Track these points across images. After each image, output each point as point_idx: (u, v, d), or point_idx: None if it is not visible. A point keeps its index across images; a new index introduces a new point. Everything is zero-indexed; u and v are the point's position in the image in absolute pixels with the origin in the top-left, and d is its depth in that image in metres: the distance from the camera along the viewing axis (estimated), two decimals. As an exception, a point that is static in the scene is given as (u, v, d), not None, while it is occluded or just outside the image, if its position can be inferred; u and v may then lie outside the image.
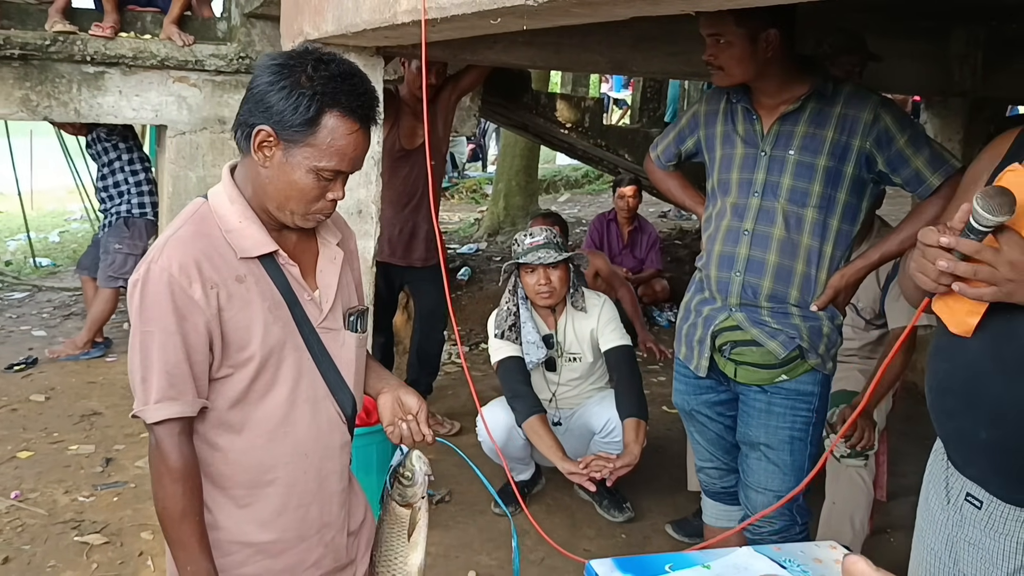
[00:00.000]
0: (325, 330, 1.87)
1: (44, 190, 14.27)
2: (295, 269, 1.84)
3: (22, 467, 4.46)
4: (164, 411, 1.71)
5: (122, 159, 6.23)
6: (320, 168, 1.71)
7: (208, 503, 1.83)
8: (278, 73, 1.71)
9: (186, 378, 1.71)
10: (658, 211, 11.80)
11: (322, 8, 3.47)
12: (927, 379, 1.92)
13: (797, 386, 2.74)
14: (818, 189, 2.64)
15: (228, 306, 1.73)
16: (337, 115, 1.69)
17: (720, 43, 2.57)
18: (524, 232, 4.01)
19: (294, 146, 1.70)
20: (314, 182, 1.72)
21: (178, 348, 1.69)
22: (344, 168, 1.74)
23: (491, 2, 2.19)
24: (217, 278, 1.72)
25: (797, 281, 2.67)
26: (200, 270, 1.70)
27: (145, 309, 1.70)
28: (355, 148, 1.73)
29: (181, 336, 1.69)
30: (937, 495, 1.93)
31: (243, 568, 1.87)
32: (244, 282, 1.75)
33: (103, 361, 6.23)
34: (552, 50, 4.31)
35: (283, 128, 1.69)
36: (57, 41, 5.30)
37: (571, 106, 7.93)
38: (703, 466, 3.08)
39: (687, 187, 3.19)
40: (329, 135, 1.69)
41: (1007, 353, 1.67)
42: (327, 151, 1.70)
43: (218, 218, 1.78)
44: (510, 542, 3.83)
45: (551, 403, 4.10)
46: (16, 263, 9.94)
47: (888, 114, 2.60)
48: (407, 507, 1.93)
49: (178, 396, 1.71)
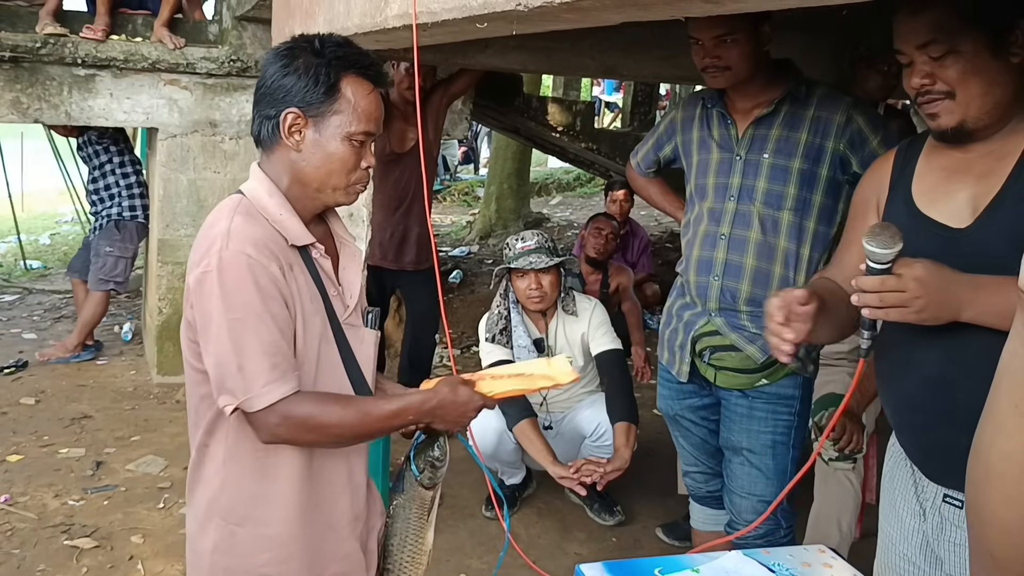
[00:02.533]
0: (348, 326, 1.88)
1: (34, 192, 14.23)
2: (327, 263, 1.85)
3: (12, 471, 4.45)
4: (273, 393, 1.68)
5: (113, 162, 6.22)
6: (352, 133, 1.76)
7: (247, 498, 1.83)
8: (286, 58, 1.78)
9: (286, 355, 1.70)
10: (649, 215, 11.82)
11: (313, 11, 3.48)
12: (885, 401, 1.94)
13: (778, 390, 2.75)
14: (793, 192, 2.65)
15: (293, 290, 1.74)
16: (353, 78, 1.76)
17: (727, 42, 2.57)
18: (516, 236, 4.02)
19: (322, 119, 1.75)
20: (350, 150, 1.77)
21: (271, 328, 1.68)
22: (372, 129, 1.78)
23: (481, 7, 2.19)
24: (283, 261, 1.73)
25: (775, 284, 2.68)
26: (270, 251, 1.70)
27: (228, 296, 1.66)
28: (376, 108, 1.78)
29: (271, 315, 1.68)
30: (907, 504, 1.94)
31: (279, 565, 1.86)
32: (293, 270, 1.75)
33: (94, 364, 6.21)
34: (544, 54, 4.32)
35: (307, 105, 1.74)
36: (48, 43, 5.31)
37: (563, 109, 7.94)
38: (689, 470, 3.09)
39: (668, 193, 3.21)
40: (352, 98, 1.75)
41: (967, 357, 1.71)
42: (354, 115, 1.75)
43: (262, 209, 1.78)
44: (501, 545, 3.85)
45: (542, 407, 4.10)
46: (6, 265, 9.91)
47: (861, 116, 2.62)
48: (431, 488, 1.99)
49: (281, 376, 1.69)
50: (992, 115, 1.73)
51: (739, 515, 2.80)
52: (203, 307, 1.69)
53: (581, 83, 12.00)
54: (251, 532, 1.84)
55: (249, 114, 5.71)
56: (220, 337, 1.68)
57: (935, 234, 1.79)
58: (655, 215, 11.87)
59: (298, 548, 1.86)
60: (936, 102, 1.75)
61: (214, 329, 1.68)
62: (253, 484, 1.83)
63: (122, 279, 6.23)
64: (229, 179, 5.82)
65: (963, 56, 1.70)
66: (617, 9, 1.94)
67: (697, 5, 1.82)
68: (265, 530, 1.84)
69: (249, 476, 1.83)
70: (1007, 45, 1.68)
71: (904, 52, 1.79)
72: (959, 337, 1.70)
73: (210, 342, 1.70)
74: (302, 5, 3.67)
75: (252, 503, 1.84)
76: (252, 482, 1.83)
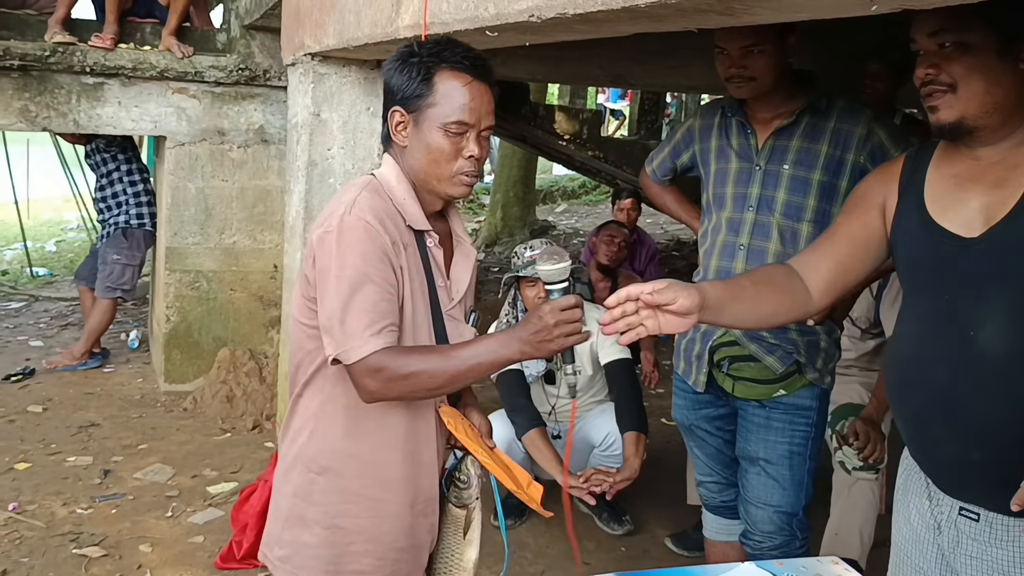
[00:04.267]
0: (450, 318, 1.97)
1: (40, 199, 14.26)
2: (440, 253, 1.97)
3: (20, 479, 4.45)
4: (366, 347, 1.77)
5: (121, 170, 6.23)
6: (446, 124, 1.84)
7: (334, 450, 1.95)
8: (396, 59, 1.90)
9: (385, 315, 1.80)
10: (655, 223, 11.82)
11: (324, 22, 3.48)
12: (898, 413, 1.94)
13: (795, 401, 2.74)
14: (813, 203, 2.65)
15: (404, 266, 1.86)
16: (447, 71, 1.85)
17: (754, 53, 2.57)
18: (524, 245, 4.01)
19: (420, 114, 1.86)
20: (446, 140, 1.85)
21: (376, 289, 1.80)
22: (468, 119, 1.85)
23: (493, 17, 2.19)
24: (398, 237, 1.86)
25: None
26: (384, 225, 1.83)
27: (343, 255, 1.80)
28: (473, 98, 1.85)
29: (379, 278, 1.80)
30: (922, 517, 1.93)
31: (354, 519, 1.96)
32: (407, 250, 1.88)
33: (101, 372, 6.21)
34: (552, 63, 4.34)
35: (407, 102, 1.87)
36: (57, 52, 5.32)
37: (569, 118, 7.95)
38: (703, 480, 3.08)
39: (683, 201, 3.20)
40: (445, 91, 1.84)
41: (982, 371, 1.71)
42: (447, 106, 1.84)
43: (390, 191, 1.92)
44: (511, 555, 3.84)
45: (551, 416, 4.09)
46: (12, 273, 9.93)
47: (882, 129, 2.62)
48: (463, 508, 2.04)
49: (377, 333, 1.78)
50: (992, 117, 1.73)
51: (754, 525, 2.79)
52: (321, 263, 1.83)
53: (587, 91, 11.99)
54: (330, 482, 1.96)
55: (257, 123, 5.78)
56: (331, 292, 1.81)
57: (945, 243, 1.78)
58: (661, 223, 11.87)
59: (373, 508, 1.97)
60: (938, 95, 1.76)
61: (328, 284, 1.82)
62: (340, 439, 1.95)
63: (129, 287, 6.24)
64: (237, 187, 5.83)
65: (970, 51, 1.70)
66: (630, 21, 1.94)
67: (711, 17, 1.82)
68: (343, 482, 1.95)
69: (339, 431, 1.95)
70: (1017, 51, 1.68)
71: (916, 40, 1.80)
72: (971, 353, 1.71)
73: (324, 296, 1.83)
74: (312, 15, 3.67)
75: (335, 457, 1.96)
76: (340, 437, 1.95)
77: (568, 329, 1.76)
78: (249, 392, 5.46)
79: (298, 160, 4.14)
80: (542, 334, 1.76)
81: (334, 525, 1.97)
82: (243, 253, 5.91)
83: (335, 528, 1.97)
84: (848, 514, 3.57)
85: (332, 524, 1.97)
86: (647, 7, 1.71)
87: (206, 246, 5.85)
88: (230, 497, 4.24)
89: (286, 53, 4.30)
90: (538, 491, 2.08)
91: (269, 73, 5.76)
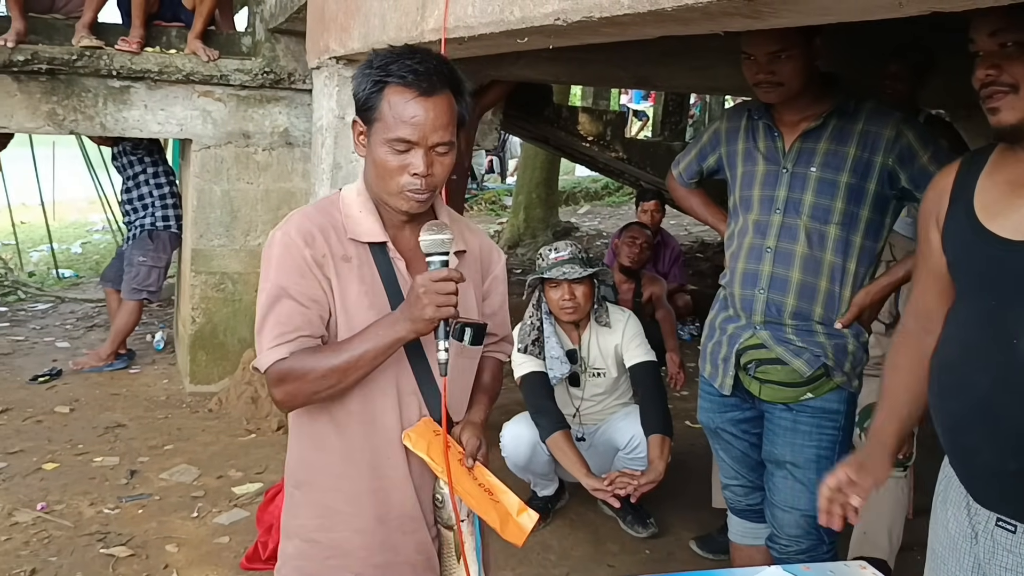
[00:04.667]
0: None
1: (66, 201, 14.39)
2: (401, 263, 1.94)
3: (48, 479, 4.49)
4: (268, 357, 1.84)
5: (147, 172, 6.28)
6: (390, 139, 1.81)
7: (306, 462, 2.00)
8: (359, 69, 1.89)
9: (298, 327, 1.84)
10: (679, 224, 11.79)
11: (348, 26, 3.49)
12: (938, 420, 1.93)
13: (823, 404, 2.72)
14: (840, 206, 2.63)
15: (336, 279, 1.87)
16: (394, 86, 1.80)
17: (782, 58, 2.55)
18: (549, 247, 4.01)
19: (371, 126, 1.85)
20: (390, 155, 1.82)
21: (290, 302, 1.84)
22: (411, 137, 1.80)
23: (519, 21, 2.20)
24: (327, 250, 1.87)
25: (821, 298, 2.66)
26: (313, 239, 1.86)
27: (266, 269, 1.88)
28: (415, 115, 1.80)
29: (296, 291, 1.84)
30: (959, 526, 1.91)
31: (327, 533, 1.99)
32: (349, 262, 1.89)
33: (127, 373, 6.26)
34: (576, 65, 4.33)
35: (363, 113, 1.87)
36: (84, 56, 5.37)
37: (593, 119, 7.94)
38: (728, 484, 3.07)
39: (709, 204, 3.19)
40: (391, 106, 1.80)
41: (1019, 383, 1.69)
42: (392, 122, 1.80)
43: (344, 204, 1.95)
44: (534, 557, 3.85)
45: (575, 418, 4.09)
46: (39, 274, 10.02)
47: (911, 131, 2.60)
48: (449, 529, 1.99)
49: (283, 344, 1.83)
50: None
51: (781, 529, 2.78)
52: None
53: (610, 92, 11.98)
54: (304, 496, 2.01)
55: (282, 126, 5.81)
56: (258, 305, 1.89)
57: (993, 247, 1.76)
58: (685, 225, 11.85)
59: (344, 522, 1.97)
60: (999, 95, 1.72)
61: (258, 297, 1.90)
62: (311, 452, 1.99)
63: (155, 288, 6.29)
64: (262, 190, 5.86)
65: None
66: (657, 24, 1.94)
67: (738, 20, 1.82)
68: (319, 496, 1.99)
69: (309, 443, 1.99)
70: None
71: (976, 41, 1.77)
72: (1014, 360, 1.69)
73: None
74: (337, 19, 3.68)
75: (309, 470, 2.00)
76: (310, 449, 1.99)
77: (439, 300, 1.75)
78: (274, 393, 5.48)
79: (323, 163, 4.15)
80: (416, 304, 1.77)
81: (311, 539, 2.00)
82: (268, 255, 5.92)
83: (312, 542, 2.00)
84: (877, 513, 3.55)
85: (309, 538, 2.00)
86: (673, 10, 1.70)
87: (231, 248, 5.89)
88: (255, 498, 4.27)
89: (311, 56, 4.32)
90: (531, 519, 2.00)
91: (294, 76, 5.78)
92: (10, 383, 5.94)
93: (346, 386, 1.84)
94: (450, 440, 1.96)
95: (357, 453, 1.95)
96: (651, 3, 1.73)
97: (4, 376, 6.09)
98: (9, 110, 5.37)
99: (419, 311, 1.75)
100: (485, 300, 2.12)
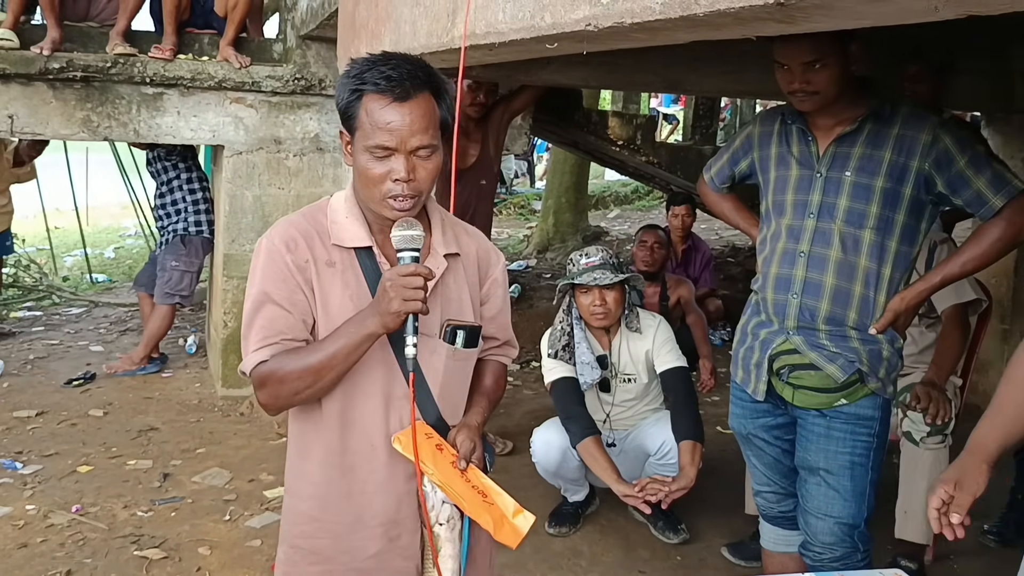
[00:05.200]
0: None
1: (99, 206, 14.53)
2: (387, 267, 1.95)
3: (82, 481, 4.54)
4: (251, 360, 1.89)
5: (181, 178, 6.33)
6: (369, 147, 1.83)
7: (292, 470, 2.05)
8: (340, 79, 1.92)
9: (280, 331, 1.89)
10: (710, 228, 11.73)
11: (379, 32, 3.50)
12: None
13: (857, 410, 2.70)
14: (875, 211, 2.61)
15: (319, 283, 1.91)
16: (370, 94, 1.82)
17: (816, 68, 2.54)
18: (580, 252, 4.00)
19: (353, 135, 1.87)
20: (372, 162, 1.84)
21: (272, 306, 1.89)
22: (389, 143, 1.81)
23: (550, 27, 2.19)
24: (310, 256, 1.91)
25: (855, 303, 2.64)
26: (296, 244, 1.91)
27: (251, 274, 1.94)
28: (391, 121, 1.81)
29: (278, 295, 1.89)
30: None
31: (308, 539, 2.03)
32: (333, 267, 1.93)
33: (159, 377, 6.32)
34: (606, 69, 4.32)
35: (345, 122, 1.89)
36: (118, 63, 5.43)
37: (623, 123, 7.92)
38: (760, 490, 3.05)
39: (741, 209, 3.18)
40: (368, 114, 1.83)
41: None
42: (370, 129, 1.82)
43: (331, 210, 1.98)
44: (564, 563, 3.84)
45: (605, 424, 4.08)
46: (73, 279, 10.13)
47: (948, 135, 2.56)
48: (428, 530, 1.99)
49: (265, 347, 1.88)
50: None
51: (814, 536, 2.75)
52: None
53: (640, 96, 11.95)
54: (291, 503, 2.07)
55: (312, 131, 5.84)
56: (244, 308, 1.96)
57: None
58: (716, 229, 11.79)
59: (322, 528, 2.01)
60: None
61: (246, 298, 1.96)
62: (294, 458, 2.05)
63: (187, 293, 6.34)
64: (293, 195, 5.90)
65: None
66: (688, 29, 1.93)
67: (770, 25, 1.80)
68: (299, 504, 2.04)
69: (293, 449, 2.05)
70: None
71: None
72: None
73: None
74: (367, 25, 3.70)
75: (293, 476, 2.06)
76: (294, 456, 2.05)
77: (406, 293, 1.77)
78: (304, 397, 5.50)
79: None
80: (383, 298, 1.79)
81: (295, 545, 2.06)
82: (299, 260, 5.96)
83: (296, 548, 2.06)
84: (917, 490, 3.54)
85: (293, 544, 2.06)
86: (705, 16, 1.69)
87: (263, 253, 5.91)
88: (286, 502, 4.29)
89: (342, 63, 4.33)
90: (527, 521, 2.00)
91: (324, 82, 5.82)
92: (45, 386, 6.01)
93: (324, 385, 1.88)
94: (443, 442, 1.97)
95: (336, 457, 1.97)
96: (683, 8, 1.73)
97: (39, 379, 6.16)
98: (45, 117, 5.43)
99: (386, 305, 1.78)
100: (484, 304, 2.12)
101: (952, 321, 3.72)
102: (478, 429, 2.06)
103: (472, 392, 2.12)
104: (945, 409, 3.50)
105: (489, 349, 2.19)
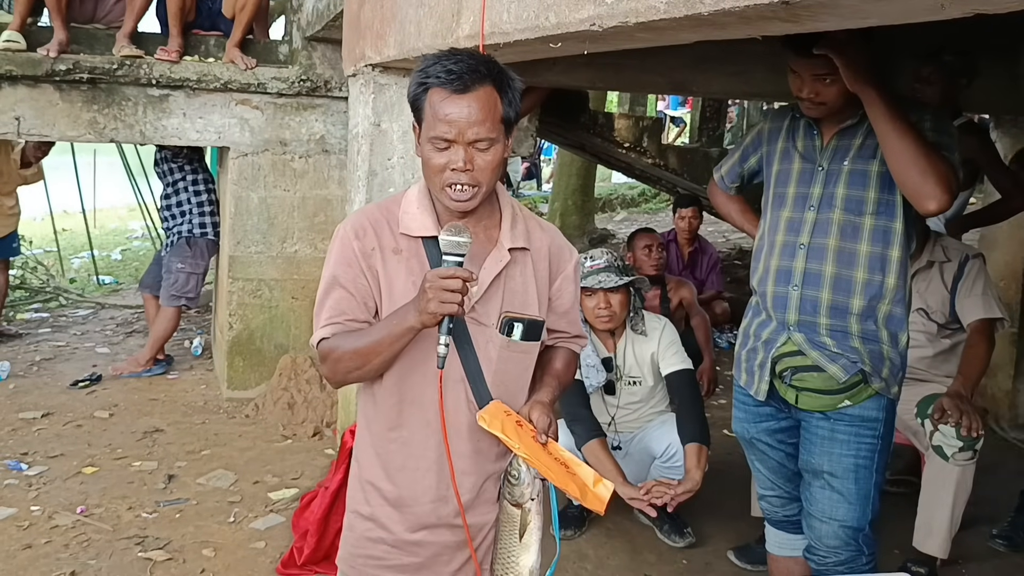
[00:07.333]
0: (473, 321, 2.03)
1: (106, 208, 14.57)
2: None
3: (87, 483, 4.54)
4: (317, 335, 2.03)
5: (187, 180, 6.33)
6: (431, 137, 1.92)
7: (358, 439, 2.18)
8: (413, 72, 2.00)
9: (344, 312, 2.01)
10: (717, 231, 11.71)
11: (384, 33, 3.50)
12: None
13: (861, 412, 2.69)
14: (874, 195, 2.63)
15: (384, 269, 2.02)
16: (434, 87, 1.91)
17: (826, 81, 2.57)
18: (585, 255, 3.99)
19: (420, 127, 1.97)
20: (433, 153, 1.93)
21: (340, 288, 2.02)
22: (448, 134, 1.90)
23: (554, 27, 2.19)
24: (376, 243, 2.02)
25: (858, 289, 2.64)
26: (364, 232, 2.03)
27: (328, 260, 2.07)
28: (449, 113, 1.89)
29: (345, 279, 2.02)
30: None
31: (365, 506, 2.14)
32: (399, 254, 2.03)
33: (164, 378, 6.31)
34: (612, 71, 4.31)
35: (415, 114, 1.99)
36: (124, 65, 5.43)
37: (630, 125, 7.90)
38: (765, 494, 3.03)
39: (747, 211, 3.19)
40: (431, 106, 1.92)
41: None
42: (432, 121, 1.91)
43: (406, 200, 2.08)
44: (570, 566, 3.82)
45: (610, 427, 4.07)
46: (80, 280, 10.14)
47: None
48: (517, 507, 2.04)
49: (330, 324, 2.01)
50: None
51: (819, 540, 2.74)
52: None
53: (647, 98, 11.94)
54: (355, 470, 2.19)
55: (318, 133, 5.84)
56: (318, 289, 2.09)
57: None
58: (723, 231, 11.77)
59: (380, 498, 2.10)
60: None
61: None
62: (361, 428, 2.17)
63: (193, 295, 6.33)
64: (299, 197, 5.89)
65: None
66: (692, 28, 1.93)
67: (775, 24, 1.80)
68: (361, 472, 2.15)
69: (361, 420, 2.16)
70: None
71: None
72: None
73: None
74: (372, 26, 3.70)
75: (358, 445, 2.18)
76: (361, 426, 2.17)
77: (443, 296, 1.81)
78: (310, 399, 5.50)
79: (358, 170, 4.16)
80: (421, 298, 1.85)
81: (355, 511, 2.17)
82: (304, 262, 5.97)
83: (355, 514, 2.17)
84: (942, 505, 3.55)
85: (354, 510, 2.18)
86: (710, 15, 1.69)
87: (268, 255, 5.92)
88: (291, 503, 4.28)
89: (347, 64, 4.33)
90: (607, 489, 2.06)
91: (330, 84, 5.81)
92: (51, 388, 6.01)
93: (373, 368, 1.98)
94: (522, 419, 2.04)
95: (393, 432, 2.08)
96: (687, 8, 1.72)
97: (46, 381, 6.17)
98: (51, 119, 5.44)
99: (424, 304, 1.84)
100: (555, 300, 2.17)
101: (979, 334, 3.73)
102: (550, 405, 2.11)
103: (543, 374, 2.18)
104: (976, 421, 3.47)
105: (560, 339, 2.25)
